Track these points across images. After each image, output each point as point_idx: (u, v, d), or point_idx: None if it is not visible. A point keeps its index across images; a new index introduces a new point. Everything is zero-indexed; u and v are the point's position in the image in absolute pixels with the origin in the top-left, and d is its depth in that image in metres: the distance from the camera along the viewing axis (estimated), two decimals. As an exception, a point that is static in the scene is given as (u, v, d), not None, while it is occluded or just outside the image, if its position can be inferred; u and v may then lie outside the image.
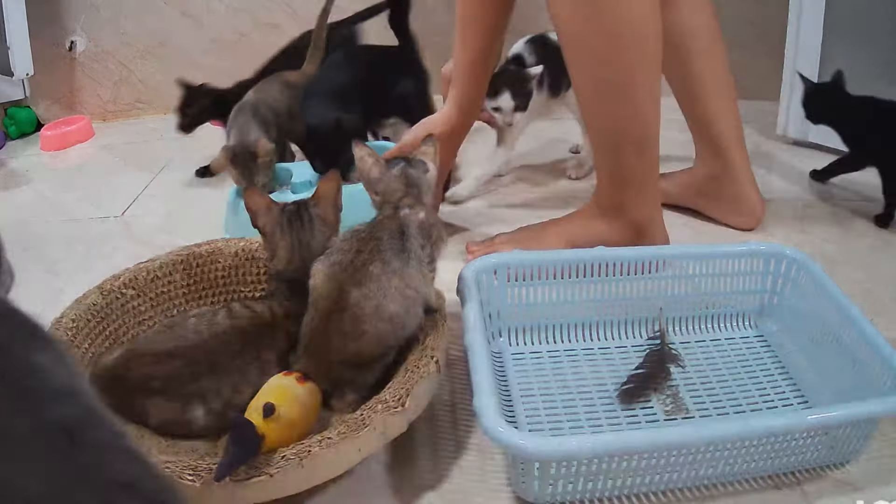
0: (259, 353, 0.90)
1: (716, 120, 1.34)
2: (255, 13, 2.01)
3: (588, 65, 1.09)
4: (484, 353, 0.85)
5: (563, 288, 1.06)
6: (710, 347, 1.06)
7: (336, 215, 0.98)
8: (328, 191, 0.97)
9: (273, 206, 0.98)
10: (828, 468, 0.85)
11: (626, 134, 1.13)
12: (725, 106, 1.34)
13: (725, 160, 1.36)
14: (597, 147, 1.19)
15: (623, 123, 1.12)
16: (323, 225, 0.96)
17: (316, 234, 0.96)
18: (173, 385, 0.86)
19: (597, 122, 1.16)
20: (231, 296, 1.10)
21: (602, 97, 1.11)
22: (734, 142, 1.35)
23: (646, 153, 1.15)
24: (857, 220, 1.44)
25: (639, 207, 1.19)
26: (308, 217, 0.96)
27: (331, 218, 0.97)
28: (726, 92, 1.34)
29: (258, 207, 0.98)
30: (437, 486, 0.84)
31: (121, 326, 0.99)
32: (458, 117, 1.27)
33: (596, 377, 1.00)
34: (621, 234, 1.20)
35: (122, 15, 2.00)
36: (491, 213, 1.50)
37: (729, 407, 0.95)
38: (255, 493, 0.72)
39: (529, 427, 0.92)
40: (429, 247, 0.89)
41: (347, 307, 0.85)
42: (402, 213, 0.90)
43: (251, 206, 0.98)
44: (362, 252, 0.87)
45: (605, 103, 1.12)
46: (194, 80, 1.65)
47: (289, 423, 0.77)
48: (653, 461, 0.78)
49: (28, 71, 1.87)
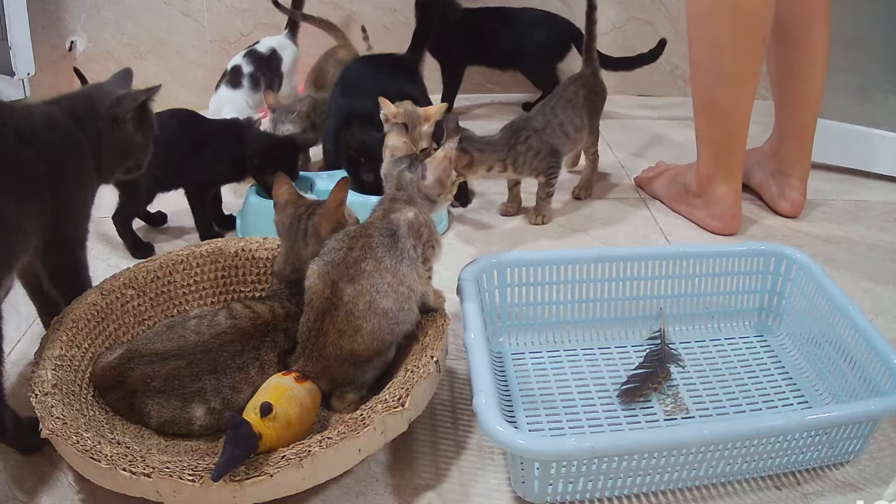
0: (259, 353, 0.90)
1: (783, 107, 1.43)
2: (255, 13, 2.01)
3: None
4: (484, 353, 0.85)
5: (564, 288, 1.06)
6: (710, 347, 1.06)
7: (329, 230, 0.95)
8: (330, 203, 0.96)
9: (291, 204, 0.98)
10: (828, 468, 0.86)
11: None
12: (805, 98, 1.39)
13: (785, 145, 1.43)
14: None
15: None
16: (314, 236, 0.95)
17: (309, 244, 0.96)
18: (173, 385, 0.86)
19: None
20: (231, 296, 1.10)
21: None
22: (797, 132, 1.42)
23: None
24: (856, 220, 1.45)
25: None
26: (305, 227, 0.96)
27: (323, 231, 0.95)
28: (812, 86, 1.38)
29: (279, 200, 0.99)
30: (437, 486, 0.84)
31: (121, 326, 0.99)
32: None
33: (596, 377, 1.00)
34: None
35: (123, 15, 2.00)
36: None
37: (729, 407, 0.95)
38: (255, 493, 0.72)
39: (529, 427, 0.92)
40: (420, 247, 0.90)
41: (341, 304, 0.85)
42: (392, 215, 0.90)
43: (275, 197, 0.99)
44: (353, 249, 0.87)
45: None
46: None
47: (286, 422, 0.77)
48: (653, 461, 0.78)
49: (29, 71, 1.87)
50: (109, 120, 0.97)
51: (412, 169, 0.92)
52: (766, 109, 1.50)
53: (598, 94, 1.49)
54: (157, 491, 0.72)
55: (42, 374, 0.84)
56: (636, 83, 2.11)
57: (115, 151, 1.00)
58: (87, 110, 0.96)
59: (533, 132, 1.38)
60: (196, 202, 1.36)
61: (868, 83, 1.58)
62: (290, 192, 1.00)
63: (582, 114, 1.44)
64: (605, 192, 1.58)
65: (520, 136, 1.37)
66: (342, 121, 1.47)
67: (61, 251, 0.95)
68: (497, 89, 2.15)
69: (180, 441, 0.87)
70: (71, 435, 0.76)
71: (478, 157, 1.33)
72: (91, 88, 1.02)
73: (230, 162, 1.34)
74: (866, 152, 1.59)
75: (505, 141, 1.37)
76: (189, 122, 1.34)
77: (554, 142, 1.40)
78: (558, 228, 1.44)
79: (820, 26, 1.32)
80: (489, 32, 1.91)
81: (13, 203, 0.83)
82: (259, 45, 1.76)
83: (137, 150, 1.03)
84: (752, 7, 1.23)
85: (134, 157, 1.03)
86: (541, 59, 1.94)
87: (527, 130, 1.38)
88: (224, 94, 1.66)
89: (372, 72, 1.57)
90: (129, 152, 1.02)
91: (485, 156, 1.34)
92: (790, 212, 1.45)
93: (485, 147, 1.35)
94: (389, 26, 2.04)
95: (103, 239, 1.37)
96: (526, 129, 1.38)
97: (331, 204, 0.95)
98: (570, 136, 1.42)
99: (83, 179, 0.96)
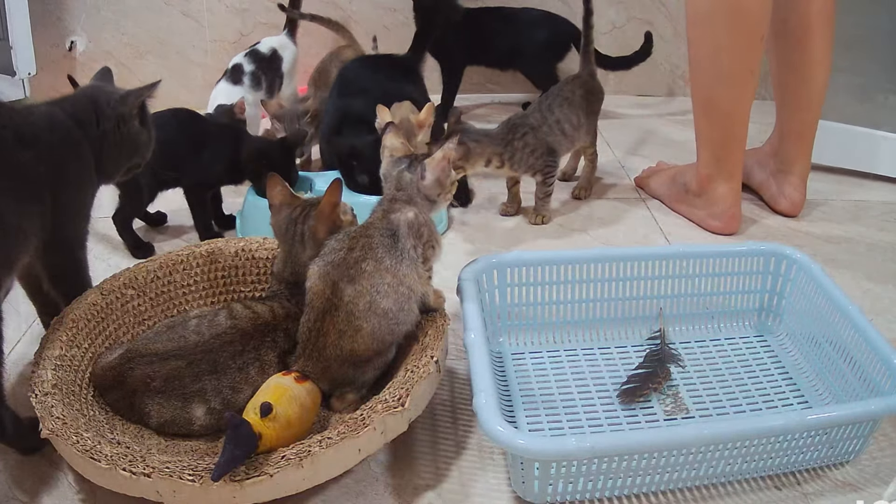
0: (259, 353, 0.90)
1: (784, 107, 1.43)
2: (255, 13, 2.01)
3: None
4: (484, 353, 0.85)
5: (564, 288, 1.06)
6: (710, 347, 1.06)
7: (326, 232, 0.94)
8: (324, 206, 0.95)
9: (286, 206, 0.98)
10: (828, 468, 0.86)
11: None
12: (806, 98, 1.39)
13: (786, 145, 1.43)
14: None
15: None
16: (311, 240, 0.95)
17: (307, 247, 0.95)
18: (173, 385, 0.86)
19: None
20: (231, 296, 1.10)
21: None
22: (798, 132, 1.42)
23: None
24: (856, 220, 1.45)
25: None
26: (301, 231, 0.96)
27: (320, 235, 0.94)
28: (814, 86, 1.38)
29: (273, 201, 0.99)
30: (437, 486, 0.84)
31: (121, 326, 0.99)
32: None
33: (596, 377, 1.00)
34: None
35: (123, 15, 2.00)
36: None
37: (729, 407, 0.95)
38: (255, 493, 0.72)
39: (529, 427, 0.92)
40: (420, 247, 0.90)
41: (342, 304, 0.85)
42: (392, 215, 0.90)
43: (270, 199, 0.99)
44: (354, 249, 0.87)
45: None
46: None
47: (286, 422, 0.77)
48: (653, 461, 0.78)
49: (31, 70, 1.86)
50: (116, 118, 0.97)
51: (411, 169, 0.92)
52: (767, 109, 1.50)
53: (595, 94, 1.50)
54: (157, 491, 0.72)
55: (42, 374, 0.84)
56: (636, 83, 2.11)
57: (121, 150, 1.00)
58: (89, 111, 0.96)
59: (529, 129, 1.38)
60: (195, 202, 1.36)
61: (868, 83, 1.58)
62: (284, 193, 0.99)
63: (579, 113, 1.44)
64: (605, 192, 1.59)
65: (517, 132, 1.37)
66: (336, 121, 1.47)
67: (61, 252, 0.95)
68: (497, 89, 2.15)
69: (180, 441, 0.87)
70: (71, 435, 0.76)
71: (474, 149, 1.33)
72: (91, 89, 1.02)
73: (228, 164, 1.34)
74: (867, 154, 1.59)
75: (502, 136, 1.37)
76: (188, 121, 1.34)
77: (550, 140, 1.40)
78: (558, 228, 1.44)
79: (823, 26, 1.32)
80: (489, 32, 1.91)
81: (13, 204, 0.83)
82: (260, 46, 1.76)
83: (142, 148, 1.04)
84: (751, 6, 1.23)
85: (139, 155, 1.04)
86: (540, 59, 1.94)
87: (523, 127, 1.38)
88: (222, 88, 1.66)
89: (370, 72, 1.57)
90: (135, 150, 1.03)
91: (481, 147, 1.34)
92: (790, 210, 1.45)
93: (481, 139, 1.35)
94: (389, 26, 2.04)
95: (103, 239, 1.37)
96: (523, 125, 1.38)
97: (325, 207, 0.95)
98: (568, 135, 1.42)
99: (83, 180, 0.96)
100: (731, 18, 1.24)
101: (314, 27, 1.92)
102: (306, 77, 1.90)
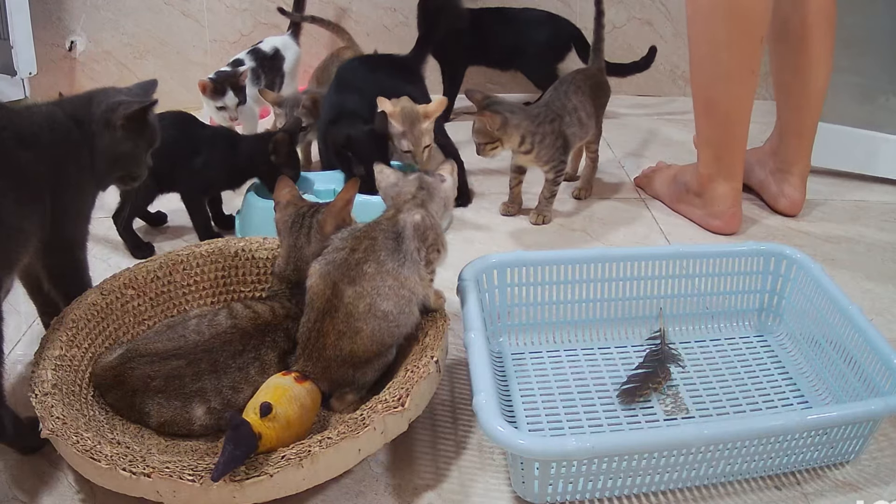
0: (259, 353, 0.90)
1: (784, 106, 1.43)
2: (256, 13, 2.01)
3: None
4: (484, 352, 0.85)
5: (564, 288, 1.06)
6: (710, 347, 1.06)
7: (333, 227, 0.94)
8: (337, 201, 0.96)
9: (292, 204, 0.99)
10: (828, 468, 0.85)
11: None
12: (806, 98, 1.39)
13: (786, 145, 1.43)
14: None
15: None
16: (319, 233, 0.95)
17: (312, 241, 0.95)
18: (173, 385, 0.86)
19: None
20: (231, 296, 1.10)
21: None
22: (798, 132, 1.42)
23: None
24: (856, 220, 1.45)
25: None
26: (309, 224, 0.96)
27: (328, 228, 0.95)
28: (815, 86, 1.38)
29: (279, 199, 0.99)
30: (437, 486, 0.84)
31: (121, 326, 0.99)
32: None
33: (596, 377, 1.00)
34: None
35: (123, 15, 2.00)
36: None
37: (729, 407, 0.95)
38: (255, 493, 0.72)
39: (529, 427, 0.92)
40: (424, 250, 0.89)
41: (342, 305, 0.85)
42: (401, 216, 0.90)
43: (276, 197, 1.00)
44: (356, 251, 0.87)
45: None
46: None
47: (286, 422, 0.77)
48: (653, 461, 0.78)
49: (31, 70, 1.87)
50: (101, 124, 0.96)
51: (430, 173, 0.95)
52: (767, 109, 1.50)
53: (602, 89, 1.51)
54: (157, 491, 0.72)
55: (42, 374, 0.84)
56: (636, 83, 2.11)
57: (104, 158, 0.98)
58: (84, 112, 0.96)
59: (556, 115, 1.39)
60: (193, 207, 1.35)
61: (869, 84, 1.58)
62: (293, 194, 1.00)
63: (590, 102, 1.45)
64: (605, 192, 1.58)
65: (547, 115, 1.38)
66: (333, 115, 1.47)
67: (61, 252, 0.95)
68: (497, 89, 2.15)
69: (180, 441, 0.87)
70: (71, 435, 0.76)
71: (511, 119, 1.33)
72: (95, 91, 1.01)
73: (226, 169, 1.34)
74: (868, 155, 1.59)
75: (536, 114, 1.37)
76: (186, 125, 1.34)
77: (569, 132, 1.40)
78: (558, 228, 1.44)
79: (823, 27, 1.32)
80: (490, 32, 1.91)
81: (13, 205, 0.83)
82: (263, 44, 1.76)
83: (127, 161, 1.01)
84: (751, 5, 1.23)
85: (123, 167, 1.01)
86: (541, 60, 1.95)
87: (551, 112, 1.39)
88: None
89: (367, 71, 1.56)
90: (118, 161, 1.00)
91: (517, 119, 1.34)
92: (789, 209, 1.45)
93: (517, 111, 1.35)
94: (389, 26, 2.04)
95: (103, 239, 1.37)
96: (550, 110, 1.39)
97: (338, 202, 0.96)
98: (583, 124, 1.43)
99: (83, 181, 0.96)
100: (730, 17, 1.24)
101: (317, 29, 1.92)
102: (307, 77, 1.91)
